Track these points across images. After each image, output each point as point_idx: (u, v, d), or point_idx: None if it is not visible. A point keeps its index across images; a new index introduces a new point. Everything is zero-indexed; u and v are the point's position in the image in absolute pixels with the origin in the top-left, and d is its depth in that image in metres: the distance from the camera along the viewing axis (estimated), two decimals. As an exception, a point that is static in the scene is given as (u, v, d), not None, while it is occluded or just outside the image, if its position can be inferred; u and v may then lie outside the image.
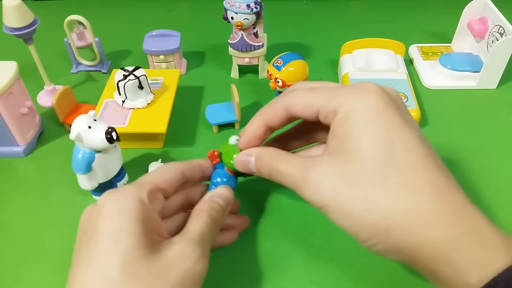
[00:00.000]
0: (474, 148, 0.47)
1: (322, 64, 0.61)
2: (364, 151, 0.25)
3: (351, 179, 0.25)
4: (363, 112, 0.26)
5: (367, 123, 0.26)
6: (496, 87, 0.56)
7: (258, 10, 0.51)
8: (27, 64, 0.54)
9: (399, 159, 0.25)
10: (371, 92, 0.26)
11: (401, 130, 0.25)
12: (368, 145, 0.25)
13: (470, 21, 0.58)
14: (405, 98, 0.50)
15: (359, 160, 0.25)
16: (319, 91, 0.29)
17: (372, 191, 0.25)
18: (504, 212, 0.40)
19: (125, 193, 0.29)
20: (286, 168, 0.29)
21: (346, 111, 0.26)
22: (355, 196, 0.25)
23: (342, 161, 0.26)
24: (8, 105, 0.44)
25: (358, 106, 0.26)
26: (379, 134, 0.25)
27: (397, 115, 0.26)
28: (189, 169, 0.34)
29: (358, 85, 0.27)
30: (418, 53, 0.61)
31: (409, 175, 0.24)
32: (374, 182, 0.25)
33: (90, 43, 0.57)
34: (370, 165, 0.25)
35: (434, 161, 0.25)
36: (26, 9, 0.46)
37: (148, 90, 0.48)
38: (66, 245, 0.34)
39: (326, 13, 0.74)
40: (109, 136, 0.37)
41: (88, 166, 0.38)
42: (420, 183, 0.24)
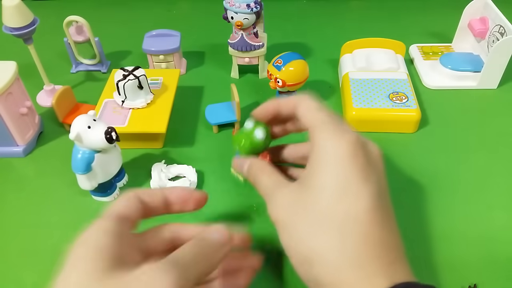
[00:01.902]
0: (475, 147, 0.47)
1: (323, 64, 0.61)
2: (321, 191, 0.28)
3: (303, 209, 0.28)
4: (334, 157, 0.28)
5: (332, 168, 0.28)
6: (497, 87, 0.56)
7: (258, 10, 0.51)
8: (26, 64, 0.54)
9: (345, 208, 0.27)
10: (348, 141, 0.28)
11: (358, 182, 0.27)
12: (326, 187, 0.28)
13: (470, 21, 0.58)
14: (405, 98, 0.50)
15: (315, 197, 0.28)
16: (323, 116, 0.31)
17: (313, 226, 0.27)
18: (504, 212, 0.40)
19: (91, 226, 0.28)
20: (264, 180, 0.32)
21: (323, 148, 0.29)
22: (301, 224, 0.28)
23: (304, 191, 0.29)
24: (8, 105, 0.44)
25: (333, 149, 0.28)
26: (338, 181, 0.27)
27: (360, 168, 0.28)
28: (148, 196, 0.32)
29: (341, 129, 0.29)
30: (418, 53, 0.61)
31: (348, 223, 0.26)
32: (319, 219, 0.27)
33: (89, 38, 0.56)
34: (321, 204, 0.27)
35: (378, 216, 0.27)
36: (26, 9, 0.46)
37: (147, 90, 0.48)
38: (66, 245, 0.34)
39: (326, 12, 0.74)
40: (108, 136, 0.37)
41: (87, 166, 0.38)
42: (355, 233, 0.26)
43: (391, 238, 0.27)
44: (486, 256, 0.37)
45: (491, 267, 0.36)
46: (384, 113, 0.48)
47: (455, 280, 0.35)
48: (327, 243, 0.26)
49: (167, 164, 0.44)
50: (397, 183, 0.43)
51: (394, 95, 0.50)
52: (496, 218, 0.40)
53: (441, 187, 0.43)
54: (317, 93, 0.55)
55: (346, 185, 0.27)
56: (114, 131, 0.37)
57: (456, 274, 0.35)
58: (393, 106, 0.49)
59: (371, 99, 0.50)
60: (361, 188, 0.27)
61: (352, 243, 0.26)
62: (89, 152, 0.37)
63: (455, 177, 0.44)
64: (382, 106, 0.49)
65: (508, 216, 0.40)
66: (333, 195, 0.27)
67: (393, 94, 0.50)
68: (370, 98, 0.50)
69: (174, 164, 0.44)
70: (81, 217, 0.40)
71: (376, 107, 0.49)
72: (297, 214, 0.28)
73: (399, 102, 0.49)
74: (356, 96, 0.50)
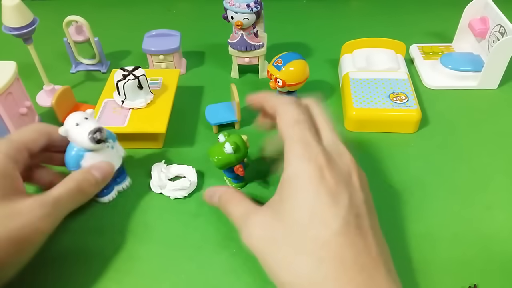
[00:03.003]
0: (475, 148, 0.47)
1: (323, 64, 0.61)
2: (291, 219, 0.28)
3: (276, 239, 0.29)
4: (302, 183, 0.29)
5: (300, 195, 0.29)
6: (497, 87, 0.55)
7: (258, 10, 0.51)
8: (26, 64, 0.54)
9: (316, 234, 0.27)
10: (316, 164, 0.29)
11: (325, 209, 0.28)
12: (295, 216, 0.28)
13: (471, 21, 0.58)
14: (405, 98, 0.49)
15: (286, 225, 0.29)
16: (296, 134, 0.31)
17: (288, 255, 0.28)
18: (504, 212, 0.40)
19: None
20: (234, 211, 0.33)
21: (290, 172, 0.30)
22: (276, 253, 0.28)
23: (275, 219, 0.29)
24: (7, 105, 0.44)
25: (301, 174, 0.29)
26: (306, 209, 0.28)
27: (328, 191, 0.28)
28: (57, 133, 0.37)
29: (310, 150, 0.30)
30: (419, 52, 0.61)
31: (321, 250, 0.27)
32: (293, 248, 0.28)
33: (88, 37, 0.56)
34: (293, 233, 0.28)
35: (349, 238, 0.27)
36: (26, 8, 0.45)
37: (147, 90, 0.48)
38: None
39: (326, 12, 0.74)
40: (91, 136, 0.36)
41: (76, 163, 0.37)
42: (328, 258, 0.27)
43: (365, 256, 0.27)
44: (486, 256, 0.37)
45: (492, 267, 0.36)
46: (384, 113, 0.48)
47: (455, 280, 0.35)
48: (303, 270, 0.27)
49: (167, 164, 0.44)
50: (397, 183, 0.43)
51: (394, 95, 0.50)
52: (496, 218, 0.40)
53: (442, 187, 0.43)
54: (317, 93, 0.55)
55: (314, 212, 0.28)
56: (99, 131, 0.36)
57: (456, 274, 0.35)
58: (393, 106, 0.49)
59: (371, 99, 0.50)
60: (329, 213, 0.27)
61: (327, 269, 0.26)
62: (77, 149, 0.37)
63: (455, 177, 0.44)
64: (383, 106, 0.49)
65: (508, 216, 0.40)
66: (303, 223, 0.28)
67: (394, 94, 0.50)
68: (370, 98, 0.50)
69: (174, 164, 0.44)
70: (78, 216, 0.40)
71: (377, 107, 0.49)
72: (271, 244, 0.29)
73: (399, 102, 0.49)
74: (356, 96, 0.50)
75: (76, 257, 0.37)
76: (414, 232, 0.39)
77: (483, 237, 0.38)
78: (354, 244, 0.27)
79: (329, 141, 0.32)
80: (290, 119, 0.32)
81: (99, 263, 0.36)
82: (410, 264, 0.36)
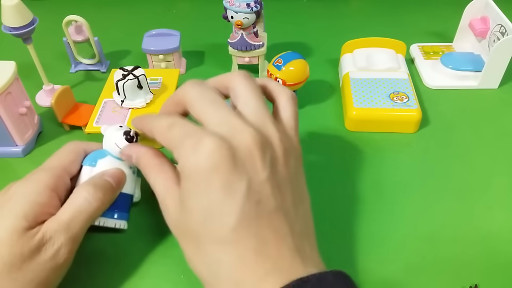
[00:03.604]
0: (475, 148, 0.47)
1: (323, 64, 0.61)
2: (190, 217, 0.27)
3: (184, 230, 0.28)
4: (192, 177, 0.27)
5: (193, 193, 0.27)
6: (498, 87, 0.55)
7: (258, 9, 0.50)
8: (25, 64, 0.54)
9: (212, 233, 0.26)
10: (207, 153, 0.26)
11: (219, 201, 0.26)
12: (192, 215, 0.27)
13: (471, 21, 0.58)
14: (406, 97, 0.49)
15: (188, 221, 0.27)
16: (174, 131, 0.29)
17: (192, 249, 0.28)
18: (505, 212, 0.40)
19: (33, 179, 0.32)
20: (154, 184, 0.31)
21: (182, 169, 0.28)
22: (185, 243, 0.28)
23: (182, 210, 0.28)
24: (7, 105, 0.43)
25: (189, 169, 0.27)
26: (201, 207, 0.26)
27: (222, 182, 0.26)
28: (92, 148, 0.37)
29: (197, 141, 0.27)
30: (419, 52, 0.61)
31: (218, 249, 0.26)
32: (194, 245, 0.27)
33: (88, 37, 0.56)
34: (193, 230, 0.27)
35: (248, 231, 0.26)
36: (25, 8, 0.45)
37: (147, 90, 0.48)
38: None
39: (326, 12, 0.74)
40: (125, 132, 0.36)
41: (94, 158, 0.36)
42: (226, 254, 0.26)
43: (270, 244, 0.26)
44: (487, 256, 0.37)
45: (492, 267, 0.36)
46: (384, 113, 0.48)
47: (456, 280, 0.35)
48: (203, 271, 0.27)
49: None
50: (398, 183, 0.43)
51: (394, 95, 0.50)
52: (497, 218, 0.40)
53: (442, 187, 0.43)
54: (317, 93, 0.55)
55: (209, 212, 0.26)
56: (135, 132, 0.36)
57: (457, 274, 0.35)
58: (393, 106, 0.48)
59: (371, 99, 0.49)
60: (224, 209, 0.26)
61: (230, 263, 0.26)
62: (103, 150, 0.36)
63: (456, 177, 0.44)
64: (383, 106, 0.49)
65: (509, 216, 0.40)
66: (201, 224, 0.26)
67: (394, 94, 0.50)
68: (370, 98, 0.50)
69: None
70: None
71: (377, 107, 0.48)
72: (183, 235, 0.28)
73: (399, 102, 0.49)
74: (357, 96, 0.50)
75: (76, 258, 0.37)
76: (415, 232, 0.39)
77: (484, 237, 0.38)
78: (255, 235, 0.25)
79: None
80: (162, 128, 0.30)
81: (96, 262, 0.36)
82: (410, 264, 0.36)
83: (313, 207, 0.30)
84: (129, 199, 0.37)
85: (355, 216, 0.40)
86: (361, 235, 0.38)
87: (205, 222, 0.26)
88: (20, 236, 0.29)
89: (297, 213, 0.28)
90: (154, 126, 0.31)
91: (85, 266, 0.36)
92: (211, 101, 0.29)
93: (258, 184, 0.26)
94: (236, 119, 0.28)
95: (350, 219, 0.40)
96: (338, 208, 0.41)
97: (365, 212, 0.40)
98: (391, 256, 0.37)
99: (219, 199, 0.26)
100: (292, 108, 0.32)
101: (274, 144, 0.28)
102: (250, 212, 0.26)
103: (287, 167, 0.28)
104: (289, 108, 0.32)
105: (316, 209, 0.31)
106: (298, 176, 0.30)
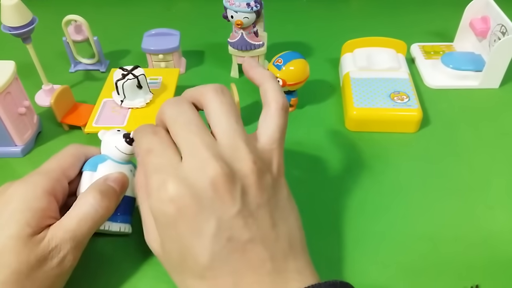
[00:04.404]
0: (476, 147, 0.47)
1: (323, 63, 0.61)
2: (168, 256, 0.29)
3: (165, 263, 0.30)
4: (160, 222, 0.27)
5: (165, 235, 0.28)
6: (499, 87, 0.55)
7: (258, 9, 0.50)
8: (25, 64, 0.54)
9: (189, 268, 0.27)
10: (168, 199, 0.26)
11: (190, 244, 0.26)
12: (169, 253, 0.28)
13: (472, 20, 0.58)
14: (406, 97, 0.49)
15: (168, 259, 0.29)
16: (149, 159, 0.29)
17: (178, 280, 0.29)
18: (505, 212, 0.40)
19: (31, 182, 0.32)
20: (140, 206, 0.32)
21: (151, 208, 0.28)
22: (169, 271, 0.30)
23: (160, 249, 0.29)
24: (6, 104, 0.43)
25: (155, 212, 0.27)
26: (174, 251, 0.27)
27: (187, 222, 0.26)
28: (92, 152, 0.36)
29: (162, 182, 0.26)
30: (419, 52, 0.61)
31: (198, 281, 0.27)
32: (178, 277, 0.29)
33: (88, 37, 0.56)
34: (173, 265, 0.29)
35: (221, 270, 0.26)
36: (24, 8, 0.45)
37: (147, 90, 0.48)
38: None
39: (327, 11, 0.74)
40: (125, 136, 0.35)
41: (94, 163, 0.36)
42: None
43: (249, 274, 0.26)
44: (488, 256, 0.37)
45: (494, 267, 0.36)
46: (385, 113, 0.48)
47: (457, 280, 0.35)
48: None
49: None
50: (398, 183, 0.43)
51: (395, 94, 0.50)
52: (498, 218, 0.40)
53: (443, 186, 0.43)
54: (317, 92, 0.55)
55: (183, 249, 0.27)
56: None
57: (458, 275, 0.35)
58: (394, 105, 0.48)
59: (372, 99, 0.49)
60: (196, 250, 0.26)
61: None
62: (103, 155, 0.36)
63: (456, 176, 0.44)
64: (383, 106, 0.48)
65: (510, 216, 0.40)
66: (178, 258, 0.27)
67: (394, 93, 0.50)
68: (371, 97, 0.50)
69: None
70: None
71: (377, 106, 0.48)
72: (169, 268, 0.29)
73: (400, 102, 0.49)
74: (357, 95, 0.50)
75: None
76: (415, 232, 0.39)
77: (485, 237, 0.38)
78: (231, 271, 0.26)
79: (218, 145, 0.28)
80: (142, 151, 0.30)
81: (95, 262, 0.36)
82: (411, 265, 0.36)
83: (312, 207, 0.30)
84: (131, 202, 0.37)
85: (355, 216, 0.40)
86: (360, 235, 0.38)
87: (181, 262, 0.27)
88: (25, 243, 0.28)
89: (277, 234, 0.27)
90: (137, 145, 0.31)
91: (84, 267, 0.36)
92: (184, 125, 0.28)
93: (228, 220, 0.26)
94: (204, 151, 0.26)
95: (350, 219, 0.40)
96: (338, 208, 0.41)
97: (365, 212, 0.40)
98: (391, 256, 0.37)
99: (189, 242, 0.26)
100: (279, 119, 0.30)
101: (244, 172, 0.27)
102: (222, 250, 0.26)
103: (262, 191, 0.27)
104: (276, 119, 0.30)
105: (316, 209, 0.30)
106: (278, 193, 0.29)
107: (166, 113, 0.30)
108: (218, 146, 0.27)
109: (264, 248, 0.26)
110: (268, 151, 0.29)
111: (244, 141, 0.28)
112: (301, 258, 0.28)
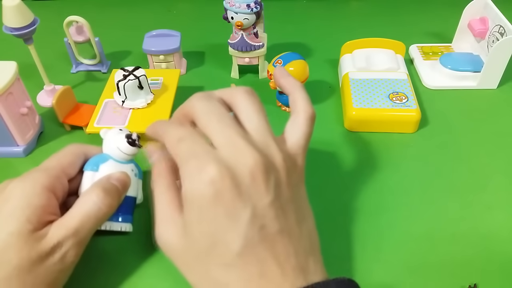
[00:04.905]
0: (474, 148, 0.47)
1: (323, 64, 0.61)
2: (195, 244, 0.27)
3: (186, 255, 0.28)
4: (196, 204, 0.27)
5: (196, 222, 0.27)
6: (497, 87, 0.56)
7: (258, 10, 0.51)
8: (27, 64, 0.54)
9: (218, 259, 0.27)
10: (208, 181, 0.26)
11: (224, 228, 0.26)
12: (198, 242, 0.27)
13: (470, 21, 0.58)
14: (405, 98, 0.50)
15: (192, 248, 0.28)
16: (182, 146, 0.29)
17: (196, 273, 0.28)
18: (504, 212, 0.40)
19: (30, 179, 0.32)
20: (156, 199, 0.31)
21: (185, 193, 0.27)
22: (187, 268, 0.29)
23: (185, 238, 0.28)
24: (8, 105, 0.44)
25: (191, 195, 0.27)
26: (206, 234, 0.27)
27: (226, 210, 0.26)
28: (92, 152, 0.37)
29: (201, 165, 0.26)
30: (418, 53, 0.61)
31: (223, 275, 0.26)
32: (198, 271, 0.28)
33: (89, 38, 0.57)
34: (198, 256, 0.27)
35: (252, 256, 0.26)
36: (26, 9, 0.46)
37: (148, 90, 0.48)
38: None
39: (326, 12, 0.74)
40: (127, 135, 0.36)
41: (96, 163, 0.36)
42: (233, 278, 0.26)
43: (273, 267, 0.26)
44: (486, 256, 0.37)
45: (492, 267, 0.36)
46: (384, 113, 0.48)
47: (455, 280, 0.35)
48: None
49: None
50: (397, 183, 0.43)
51: (394, 95, 0.50)
52: (496, 218, 0.40)
53: (441, 187, 0.43)
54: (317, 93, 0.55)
55: (214, 239, 0.26)
56: (137, 136, 0.36)
57: (456, 274, 0.35)
58: (393, 106, 0.49)
59: (371, 99, 0.50)
60: (228, 236, 0.26)
61: (237, 286, 0.26)
62: (104, 154, 0.36)
63: (455, 177, 0.44)
64: (382, 106, 0.49)
65: (508, 216, 0.40)
66: (206, 251, 0.27)
67: (393, 94, 0.50)
68: (370, 98, 0.50)
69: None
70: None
71: (376, 107, 0.49)
72: (184, 260, 0.29)
73: (399, 102, 0.49)
74: (356, 96, 0.50)
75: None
76: (414, 232, 0.39)
77: (483, 237, 0.38)
78: (259, 259, 0.26)
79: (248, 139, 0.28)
80: (172, 140, 0.29)
81: (96, 261, 0.37)
82: (409, 264, 0.36)
83: (312, 207, 0.31)
84: (132, 201, 0.37)
85: (355, 216, 0.40)
86: (360, 235, 0.39)
87: (211, 248, 0.27)
88: (26, 239, 0.29)
89: (301, 231, 0.28)
90: (166, 135, 0.30)
91: (84, 266, 0.36)
92: (218, 117, 0.29)
93: (262, 209, 0.26)
94: (240, 140, 0.27)
95: (350, 218, 0.40)
96: (338, 207, 0.41)
97: (364, 212, 0.41)
98: (390, 255, 0.37)
99: (223, 226, 0.26)
100: (306, 128, 0.31)
101: (277, 166, 0.28)
102: (254, 237, 0.26)
103: (290, 188, 0.28)
104: (304, 128, 0.31)
105: (315, 209, 0.31)
106: (300, 194, 0.30)
107: (196, 106, 0.30)
108: (252, 139, 0.28)
109: (290, 243, 0.27)
110: (293, 155, 0.30)
111: (274, 140, 0.29)
112: (319, 259, 0.29)
